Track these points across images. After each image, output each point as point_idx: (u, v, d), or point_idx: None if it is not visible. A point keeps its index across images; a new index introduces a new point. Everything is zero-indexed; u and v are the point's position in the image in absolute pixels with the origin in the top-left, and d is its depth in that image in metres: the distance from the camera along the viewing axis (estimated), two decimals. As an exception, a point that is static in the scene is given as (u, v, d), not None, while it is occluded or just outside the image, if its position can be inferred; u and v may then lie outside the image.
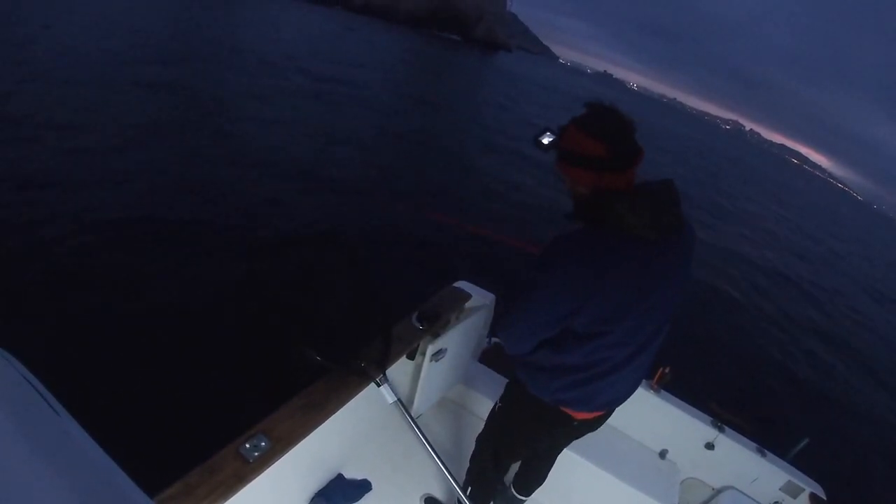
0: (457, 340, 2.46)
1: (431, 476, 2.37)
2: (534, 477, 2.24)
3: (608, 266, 1.35)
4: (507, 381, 2.84)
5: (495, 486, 2.14)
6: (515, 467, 2.29)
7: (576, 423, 1.70)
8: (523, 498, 2.27)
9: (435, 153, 12.42)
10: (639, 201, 1.33)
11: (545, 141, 1.44)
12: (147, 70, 11.07)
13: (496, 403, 1.92)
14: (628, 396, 1.71)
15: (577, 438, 2.01)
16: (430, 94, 21.69)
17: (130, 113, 8.33)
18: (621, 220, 1.33)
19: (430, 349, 2.24)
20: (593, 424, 1.80)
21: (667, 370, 2.66)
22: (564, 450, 2.39)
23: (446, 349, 2.35)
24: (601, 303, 1.38)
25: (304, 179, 7.82)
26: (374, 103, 15.32)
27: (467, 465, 2.16)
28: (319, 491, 2.05)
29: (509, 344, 1.58)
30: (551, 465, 2.21)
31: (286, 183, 7.39)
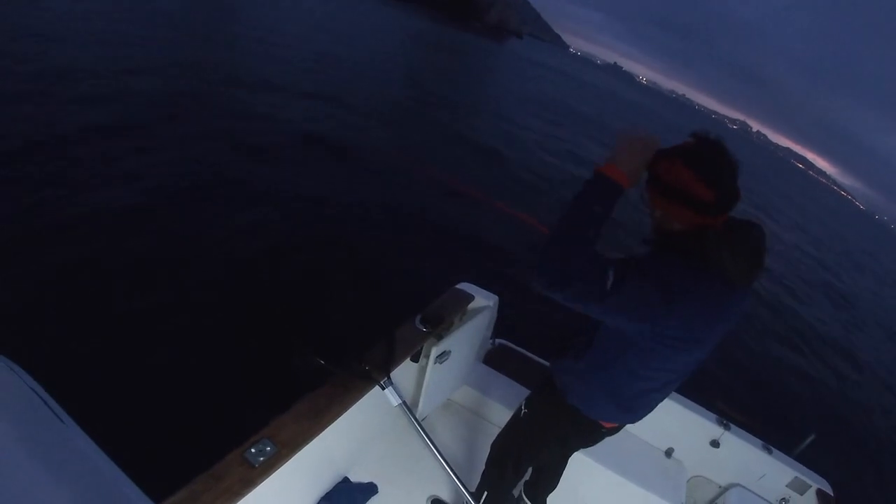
0: (461, 342, 2.46)
1: (437, 478, 2.37)
2: (547, 485, 2.23)
3: (698, 299, 1.31)
4: (511, 381, 2.85)
5: (512, 489, 2.14)
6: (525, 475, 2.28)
7: (604, 430, 1.73)
8: None
9: (443, 139, 12.41)
10: (740, 248, 1.29)
11: None
12: (145, 52, 11.04)
13: (521, 409, 1.88)
14: (650, 413, 1.72)
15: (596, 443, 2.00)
16: (439, 79, 21.74)
17: (126, 99, 8.26)
18: (719, 261, 1.28)
19: (434, 351, 2.24)
20: (615, 431, 1.81)
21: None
22: (570, 449, 2.39)
23: (450, 351, 2.35)
24: (675, 334, 1.34)
25: (306, 172, 7.79)
26: (380, 85, 15.27)
27: (473, 466, 2.15)
28: (325, 495, 2.05)
29: (552, 284, 1.23)
30: (563, 470, 2.20)
31: (287, 181, 7.38)
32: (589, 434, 1.76)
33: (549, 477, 2.21)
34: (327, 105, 11.57)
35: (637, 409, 1.65)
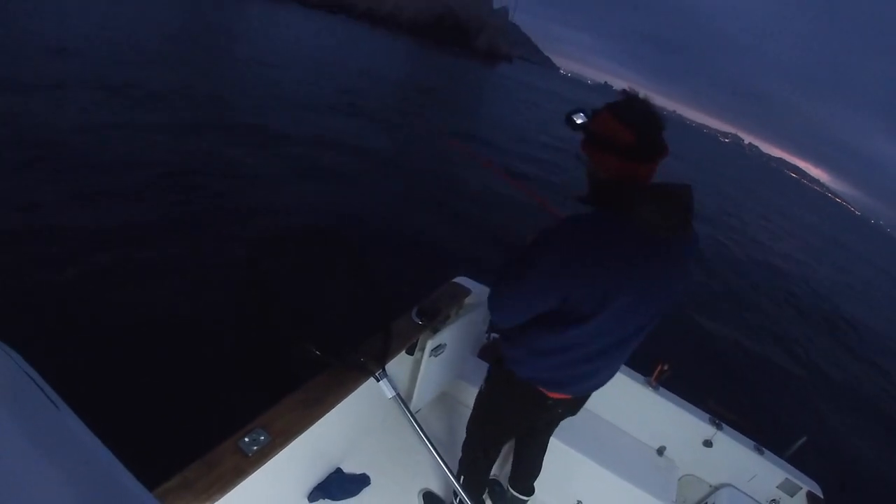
0: (456, 336, 2.46)
1: (429, 470, 2.38)
2: (528, 470, 2.24)
3: (608, 252, 1.36)
4: None
5: (487, 473, 2.16)
6: (508, 467, 2.29)
7: (550, 402, 1.71)
8: (525, 498, 2.25)
9: (436, 160, 12.43)
10: (658, 199, 1.36)
11: (578, 121, 1.47)
12: (148, 78, 10.99)
13: (481, 387, 1.94)
14: (600, 386, 1.73)
15: (558, 420, 2.02)
16: (432, 104, 21.76)
17: (126, 117, 8.25)
18: (636, 212, 1.35)
19: (430, 344, 2.25)
20: (571, 407, 1.82)
21: (665, 367, 2.66)
22: (562, 446, 2.40)
23: (445, 344, 2.36)
24: (591, 286, 1.39)
25: (304, 181, 7.79)
26: (373, 112, 15.24)
27: None
28: (318, 485, 2.06)
29: (495, 318, 1.58)
30: (543, 455, 2.21)
31: (287, 185, 7.38)
32: (535, 404, 1.74)
33: (528, 465, 2.23)
34: (321, 118, 11.76)
35: (573, 378, 1.64)
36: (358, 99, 15.61)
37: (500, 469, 2.51)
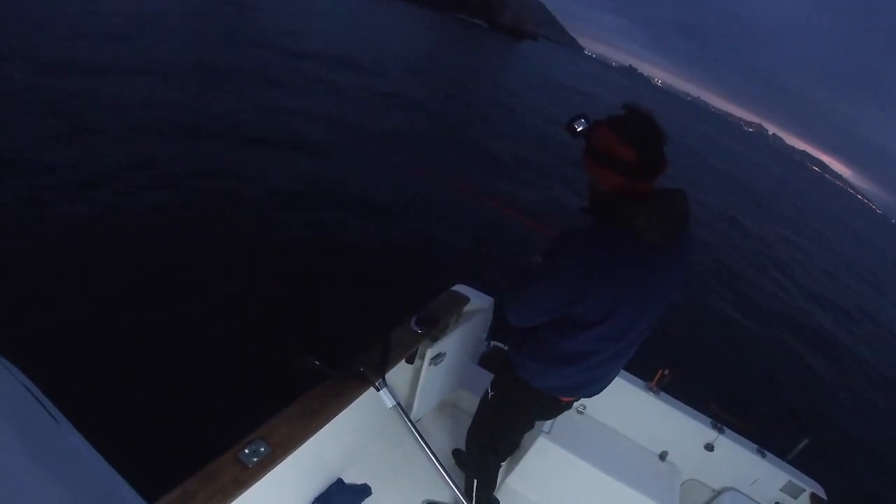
0: (456, 344, 2.46)
1: (431, 480, 2.37)
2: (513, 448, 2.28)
3: (610, 262, 1.41)
4: None
5: (497, 473, 2.18)
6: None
7: (562, 404, 1.84)
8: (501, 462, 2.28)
9: (457, 142, 12.44)
10: (653, 209, 1.38)
11: (578, 128, 1.46)
12: (166, 49, 11.03)
13: (488, 392, 1.97)
14: (605, 388, 1.81)
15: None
16: (455, 81, 21.91)
17: (143, 104, 8.24)
18: (632, 222, 1.37)
19: (429, 353, 2.25)
20: (571, 405, 1.92)
21: (666, 372, 2.66)
22: (565, 452, 2.40)
23: (445, 353, 2.36)
24: (598, 295, 1.44)
25: (313, 174, 7.78)
26: (395, 90, 15.21)
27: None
28: (319, 496, 2.05)
29: (512, 318, 1.63)
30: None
31: (292, 186, 7.36)
32: (552, 409, 1.89)
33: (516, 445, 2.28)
34: (332, 107, 11.65)
35: (586, 383, 1.72)
36: (373, 84, 15.49)
37: (504, 475, 2.51)
